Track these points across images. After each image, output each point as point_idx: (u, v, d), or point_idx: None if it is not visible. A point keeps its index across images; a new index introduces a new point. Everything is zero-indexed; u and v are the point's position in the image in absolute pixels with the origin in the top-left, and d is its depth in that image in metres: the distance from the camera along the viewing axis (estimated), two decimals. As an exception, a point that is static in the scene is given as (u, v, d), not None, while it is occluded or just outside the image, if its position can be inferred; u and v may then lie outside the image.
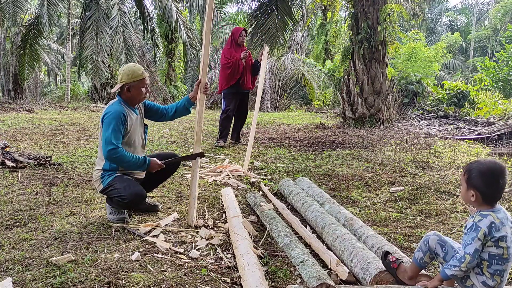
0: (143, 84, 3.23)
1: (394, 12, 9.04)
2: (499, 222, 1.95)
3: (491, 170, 1.99)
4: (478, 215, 1.98)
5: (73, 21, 19.26)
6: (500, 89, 15.64)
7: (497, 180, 1.98)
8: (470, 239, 1.92)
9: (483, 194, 1.99)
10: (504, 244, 1.92)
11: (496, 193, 2.00)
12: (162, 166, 3.28)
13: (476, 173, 2.00)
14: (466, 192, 2.04)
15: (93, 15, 13.76)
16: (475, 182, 2.00)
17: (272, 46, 8.80)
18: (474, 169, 2.01)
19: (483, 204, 2.01)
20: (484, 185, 1.98)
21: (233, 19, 23.36)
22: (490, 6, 36.03)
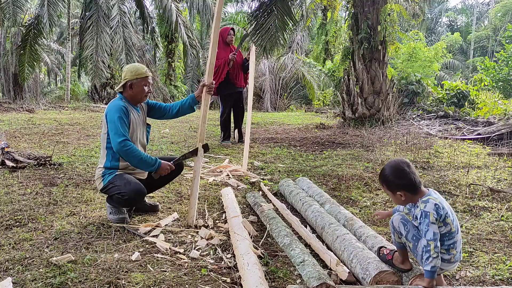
0: (146, 82, 3.23)
1: (394, 12, 9.04)
2: (439, 201, 2.11)
3: (395, 167, 2.18)
4: (421, 203, 2.12)
5: (73, 21, 19.26)
6: (500, 89, 15.64)
7: (404, 171, 2.16)
8: (426, 225, 2.06)
9: (407, 188, 2.15)
10: (449, 219, 2.10)
11: (413, 180, 2.15)
12: (173, 168, 3.25)
13: (389, 177, 2.18)
14: (395, 198, 2.21)
15: (93, 15, 13.76)
16: (394, 184, 2.17)
17: (272, 46, 8.79)
18: (385, 176, 2.20)
19: (414, 196, 2.16)
20: (400, 180, 2.15)
21: (233, 19, 23.35)
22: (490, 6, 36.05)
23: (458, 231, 2.14)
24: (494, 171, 4.89)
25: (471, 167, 5.09)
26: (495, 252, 2.77)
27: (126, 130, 3.12)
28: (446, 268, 2.15)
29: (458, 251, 2.15)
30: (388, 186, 2.21)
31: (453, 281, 2.41)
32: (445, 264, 2.13)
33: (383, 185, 2.25)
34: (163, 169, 3.20)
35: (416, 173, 2.19)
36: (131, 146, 3.07)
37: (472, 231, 3.15)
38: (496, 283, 2.37)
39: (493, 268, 2.53)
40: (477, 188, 4.17)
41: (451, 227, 2.11)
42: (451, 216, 2.12)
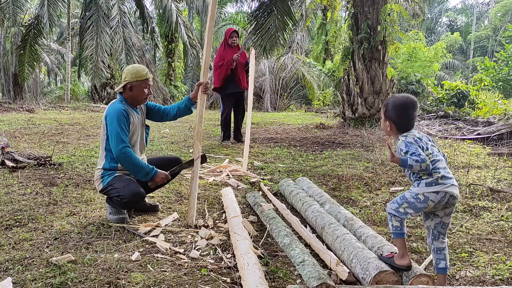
0: (146, 84, 3.23)
1: (394, 12, 9.03)
2: (417, 137, 2.27)
3: (403, 103, 2.30)
4: (401, 137, 2.27)
5: (73, 21, 19.25)
6: (500, 89, 15.64)
7: (407, 112, 2.29)
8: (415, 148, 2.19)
9: (396, 124, 2.30)
10: (428, 152, 2.23)
11: (407, 123, 2.30)
12: (169, 177, 3.27)
13: (392, 106, 2.31)
14: (384, 123, 2.36)
15: (93, 15, 13.75)
16: (390, 113, 2.31)
17: (272, 46, 8.79)
18: (390, 103, 2.33)
19: (397, 132, 2.31)
20: (396, 115, 2.29)
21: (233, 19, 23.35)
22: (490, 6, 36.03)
23: (441, 160, 2.24)
24: (494, 171, 4.89)
25: (471, 167, 5.09)
26: (495, 252, 2.78)
27: (126, 135, 3.13)
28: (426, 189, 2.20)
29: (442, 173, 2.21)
30: (385, 111, 2.34)
31: (453, 281, 2.41)
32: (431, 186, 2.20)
33: (384, 108, 2.37)
34: (159, 178, 3.21)
35: (415, 118, 2.32)
36: (130, 153, 3.10)
37: (472, 231, 3.15)
38: (496, 283, 2.37)
39: (493, 268, 2.54)
40: (477, 188, 4.17)
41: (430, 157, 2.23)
42: (431, 149, 2.24)
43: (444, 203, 2.20)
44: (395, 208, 2.26)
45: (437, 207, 2.22)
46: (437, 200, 2.18)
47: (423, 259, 2.65)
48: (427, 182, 2.20)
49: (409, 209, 2.23)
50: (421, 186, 2.21)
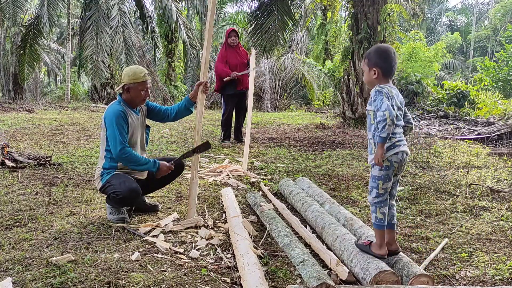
0: (143, 86, 3.24)
1: (394, 12, 9.03)
2: (391, 95, 2.35)
3: (384, 48, 2.42)
4: (378, 87, 2.36)
5: (73, 21, 19.25)
6: (500, 89, 15.63)
7: (390, 55, 2.40)
8: (380, 100, 2.30)
9: (382, 68, 2.38)
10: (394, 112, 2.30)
11: (391, 67, 2.40)
12: (172, 168, 3.31)
13: (374, 53, 2.41)
14: (368, 74, 2.42)
15: (93, 15, 13.75)
16: (375, 60, 2.39)
17: (272, 46, 8.80)
18: (372, 52, 2.43)
19: (383, 78, 2.39)
20: (382, 60, 2.38)
21: (233, 19, 23.34)
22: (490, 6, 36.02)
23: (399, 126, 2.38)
24: (494, 171, 4.89)
25: (471, 167, 5.09)
26: (495, 252, 2.78)
27: (124, 137, 3.16)
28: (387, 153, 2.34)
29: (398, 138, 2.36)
30: (369, 61, 2.41)
31: (453, 281, 2.41)
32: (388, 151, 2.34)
33: (365, 59, 2.45)
34: (162, 170, 3.27)
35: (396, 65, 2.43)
36: (129, 153, 3.14)
37: (472, 231, 3.15)
38: (496, 283, 2.37)
39: (493, 268, 2.54)
40: (477, 188, 4.17)
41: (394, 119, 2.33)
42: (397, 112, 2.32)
43: (404, 161, 2.39)
44: (376, 194, 2.37)
45: (399, 167, 2.39)
46: (399, 160, 2.36)
47: (423, 259, 2.65)
48: (387, 147, 2.33)
49: (385, 183, 2.37)
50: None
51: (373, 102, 2.33)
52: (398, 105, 2.35)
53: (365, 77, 2.47)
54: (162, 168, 3.25)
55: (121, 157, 3.13)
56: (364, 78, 2.48)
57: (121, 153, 3.11)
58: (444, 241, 2.91)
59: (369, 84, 2.46)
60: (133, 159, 3.15)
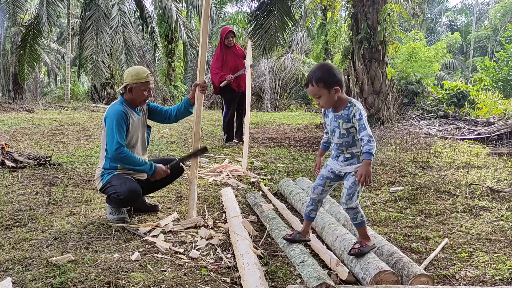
0: (146, 87, 3.24)
1: (394, 12, 9.03)
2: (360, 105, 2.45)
3: (327, 66, 2.44)
4: (354, 103, 2.43)
5: (73, 21, 19.26)
6: (500, 89, 15.62)
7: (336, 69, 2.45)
8: (365, 121, 2.38)
9: (341, 84, 2.42)
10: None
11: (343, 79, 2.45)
12: (167, 172, 3.29)
13: (332, 71, 2.40)
14: (329, 95, 2.41)
15: (93, 15, 13.75)
16: (333, 79, 2.39)
17: (272, 46, 8.80)
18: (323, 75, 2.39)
19: (342, 93, 2.44)
20: (337, 77, 2.40)
21: (233, 19, 23.34)
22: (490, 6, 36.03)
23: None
24: (494, 171, 4.89)
25: (471, 167, 5.09)
26: (495, 252, 2.78)
27: (123, 137, 3.15)
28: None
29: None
30: (325, 83, 2.38)
31: (453, 281, 2.41)
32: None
33: (319, 84, 2.40)
34: (158, 173, 3.26)
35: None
36: (126, 153, 3.13)
37: (472, 231, 3.15)
38: (496, 283, 2.37)
39: (493, 268, 2.54)
40: (477, 188, 4.17)
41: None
42: None
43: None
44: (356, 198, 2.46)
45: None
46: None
47: (423, 259, 2.65)
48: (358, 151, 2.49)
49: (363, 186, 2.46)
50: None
51: (358, 120, 2.38)
52: None
53: (325, 100, 2.43)
54: (158, 172, 3.25)
55: (117, 156, 3.12)
56: (323, 102, 2.45)
57: (117, 152, 3.10)
58: (444, 241, 2.91)
59: (329, 105, 2.47)
60: (130, 159, 3.14)
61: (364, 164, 2.35)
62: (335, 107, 2.48)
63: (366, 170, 2.34)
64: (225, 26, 7.77)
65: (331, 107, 2.49)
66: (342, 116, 2.45)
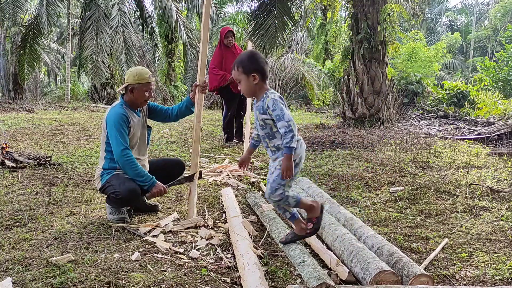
0: (148, 88, 3.24)
1: (394, 12, 9.04)
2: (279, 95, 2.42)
3: (253, 53, 2.41)
4: (269, 94, 2.36)
5: (73, 21, 19.25)
6: (500, 89, 15.63)
7: (261, 58, 2.41)
8: (280, 110, 2.29)
9: (261, 72, 2.38)
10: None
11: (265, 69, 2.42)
12: (166, 192, 3.24)
13: (250, 58, 2.38)
14: (247, 81, 2.38)
15: (93, 15, 13.76)
16: (251, 66, 2.36)
17: (271, 46, 8.80)
18: (243, 59, 2.39)
19: (263, 83, 2.40)
20: (257, 64, 2.37)
21: (233, 19, 23.34)
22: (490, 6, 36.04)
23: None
24: (494, 171, 4.89)
25: (471, 167, 5.09)
26: (495, 252, 2.78)
27: (126, 140, 3.15)
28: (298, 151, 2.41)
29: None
30: (244, 68, 2.38)
31: (453, 281, 2.41)
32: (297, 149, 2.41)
33: (239, 68, 2.41)
34: (157, 189, 3.18)
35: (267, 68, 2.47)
36: (131, 158, 3.13)
37: (472, 231, 3.15)
38: (496, 283, 2.37)
39: (493, 268, 2.54)
40: (477, 188, 4.17)
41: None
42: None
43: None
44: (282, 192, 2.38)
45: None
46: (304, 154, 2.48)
47: (423, 259, 2.65)
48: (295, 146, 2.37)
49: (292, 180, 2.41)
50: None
51: (273, 111, 2.31)
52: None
53: (244, 87, 2.42)
54: (157, 187, 3.16)
55: (122, 159, 3.10)
56: (242, 88, 2.44)
57: (122, 154, 3.09)
58: (444, 241, 2.91)
59: (248, 92, 2.45)
60: (133, 165, 3.12)
61: (283, 159, 2.33)
62: (256, 98, 2.46)
63: (285, 165, 2.31)
64: (225, 26, 7.77)
65: (252, 96, 2.48)
66: (259, 107, 2.43)
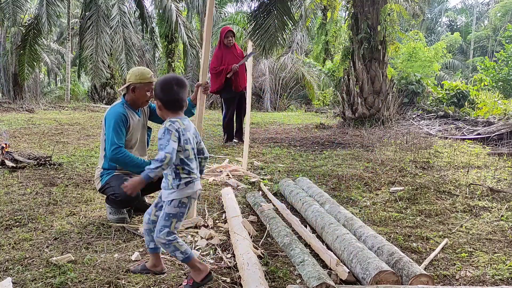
0: (149, 87, 3.24)
1: (394, 12, 9.04)
2: (184, 127, 2.26)
3: (165, 80, 2.31)
4: (168, 122, 2.24)
5: (73, 21, 19.25)
6: (500, 89, 15.63)
7: (171, 87, 2.27)
8: (166, 141, 2.16)
9: (163, 101, 2.29)
10: (188, 146, 2.25)
11: (173, 99, 2.29)
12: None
13: (157, 86, 2.32)
14: (157, 105, 2.34)
15: (93, 15, 13.76)
16: (157, 93, 2.31)
17: (271, 46, 8.80)
18: (156, 83, 2.34)
19: (169, 111, 2.29)
20: (162, 93, 2.28)
21: (233, 19, 23.34)
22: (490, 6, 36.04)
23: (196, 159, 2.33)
24: (494, 171, 4.89)
25: (471, 167, 5.09)
26: (495, 252, 2.78)
27: (120, 138, 3.15)
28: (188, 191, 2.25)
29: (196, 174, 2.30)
30: (155, 94, 2.34)
31: (453, 281, 2.41)
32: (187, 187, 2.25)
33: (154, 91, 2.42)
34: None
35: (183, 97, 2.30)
36: (122, 153, 3.13)
37: (472, 231, 3.15)
38: (496, 283, 2.37)
39: (493, 268, 2.54)
40: (477, 188, 4.17)
41: (189, 154, 2.26)
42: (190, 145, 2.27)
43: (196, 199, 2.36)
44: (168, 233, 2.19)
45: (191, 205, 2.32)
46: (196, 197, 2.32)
47: (423, 259, 2.65)
48: (186, 182, 2.24)
49: (178, 222, 2.24)
50: (181, 188, 2.23)
51: (159, 139, 2.18)
52: (190, 139, 2.25)
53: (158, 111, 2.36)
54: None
55: (114, 157, 3.11)
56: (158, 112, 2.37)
57: (114, 152, 3.10)
58: (444, 241, 2.91)
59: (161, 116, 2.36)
60: (126, 160, 3.13)
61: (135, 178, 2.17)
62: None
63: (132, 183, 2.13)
64: (225, 26, 7.77)
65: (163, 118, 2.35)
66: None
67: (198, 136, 2.39)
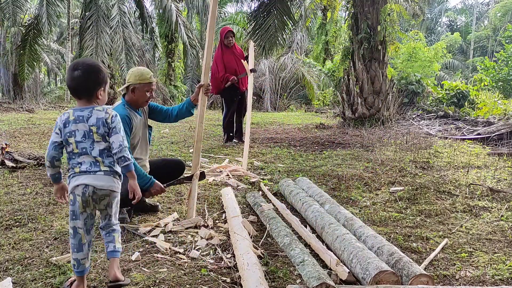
0: (149, 88, 3.23)
1: (394, 12, 9.04)
2: (74, 119, 2.09)
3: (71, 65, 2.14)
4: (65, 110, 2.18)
5: (73, 21, 19.27)
6: (500, 89, 15.63)
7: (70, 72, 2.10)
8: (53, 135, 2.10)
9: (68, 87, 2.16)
10: (72, 139, 2.09)
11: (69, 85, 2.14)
12: (164, 191, 3.22)
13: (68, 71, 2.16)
14: None
15: (93, 15, 13.74)
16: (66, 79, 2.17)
17: (271, 46, 8.81)
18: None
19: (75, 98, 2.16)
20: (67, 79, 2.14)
21: (233, 19, 23.35)
22: (490, 6, 36.05)
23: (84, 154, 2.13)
24: (494, 171, 4.89)
25: (471, 167, 5.09)
26: (495, 252, 2.78)
27: (127, 140, 3.14)
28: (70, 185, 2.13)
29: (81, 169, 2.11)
30: None
31: (453, 281, 2.41)
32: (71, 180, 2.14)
33: None
34: (155, 188, 3.14)
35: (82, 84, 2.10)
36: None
37: (472, 231, 3.15)
38: (496, 283, 2.37)
39: (493, 268, 2.54)
40: (477, 188, 4.17)
41: (73, 148, 2.12)
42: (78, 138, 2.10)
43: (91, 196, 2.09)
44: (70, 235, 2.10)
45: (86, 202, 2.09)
46: (81, 193, 2.08)
47: (423, 259, 2.65)
48: (70, 175, 2.13)
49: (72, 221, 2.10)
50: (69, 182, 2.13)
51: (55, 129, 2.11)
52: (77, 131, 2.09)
53: None
54: (155, 187, 3.13)
55: None
56: None
57: None
58: (444, 241, 2.91)
59: None
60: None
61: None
62: None
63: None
64: (225, 26, 7.77)
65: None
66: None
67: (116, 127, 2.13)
